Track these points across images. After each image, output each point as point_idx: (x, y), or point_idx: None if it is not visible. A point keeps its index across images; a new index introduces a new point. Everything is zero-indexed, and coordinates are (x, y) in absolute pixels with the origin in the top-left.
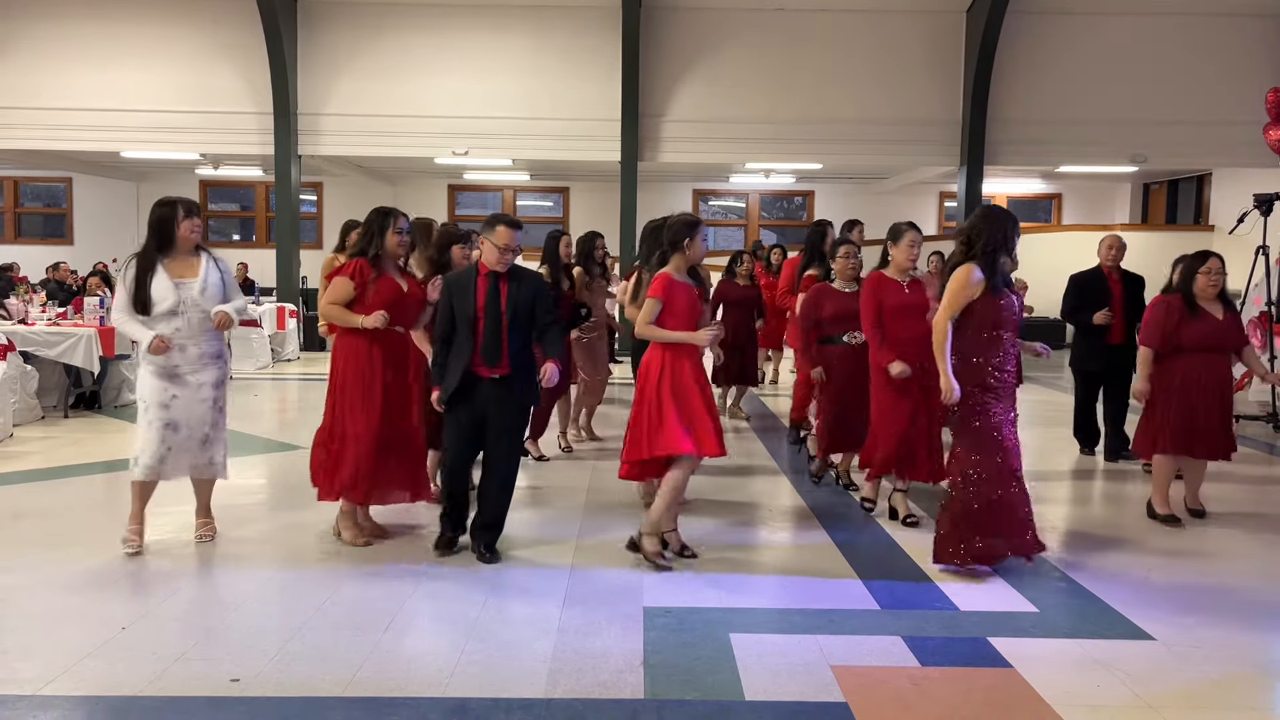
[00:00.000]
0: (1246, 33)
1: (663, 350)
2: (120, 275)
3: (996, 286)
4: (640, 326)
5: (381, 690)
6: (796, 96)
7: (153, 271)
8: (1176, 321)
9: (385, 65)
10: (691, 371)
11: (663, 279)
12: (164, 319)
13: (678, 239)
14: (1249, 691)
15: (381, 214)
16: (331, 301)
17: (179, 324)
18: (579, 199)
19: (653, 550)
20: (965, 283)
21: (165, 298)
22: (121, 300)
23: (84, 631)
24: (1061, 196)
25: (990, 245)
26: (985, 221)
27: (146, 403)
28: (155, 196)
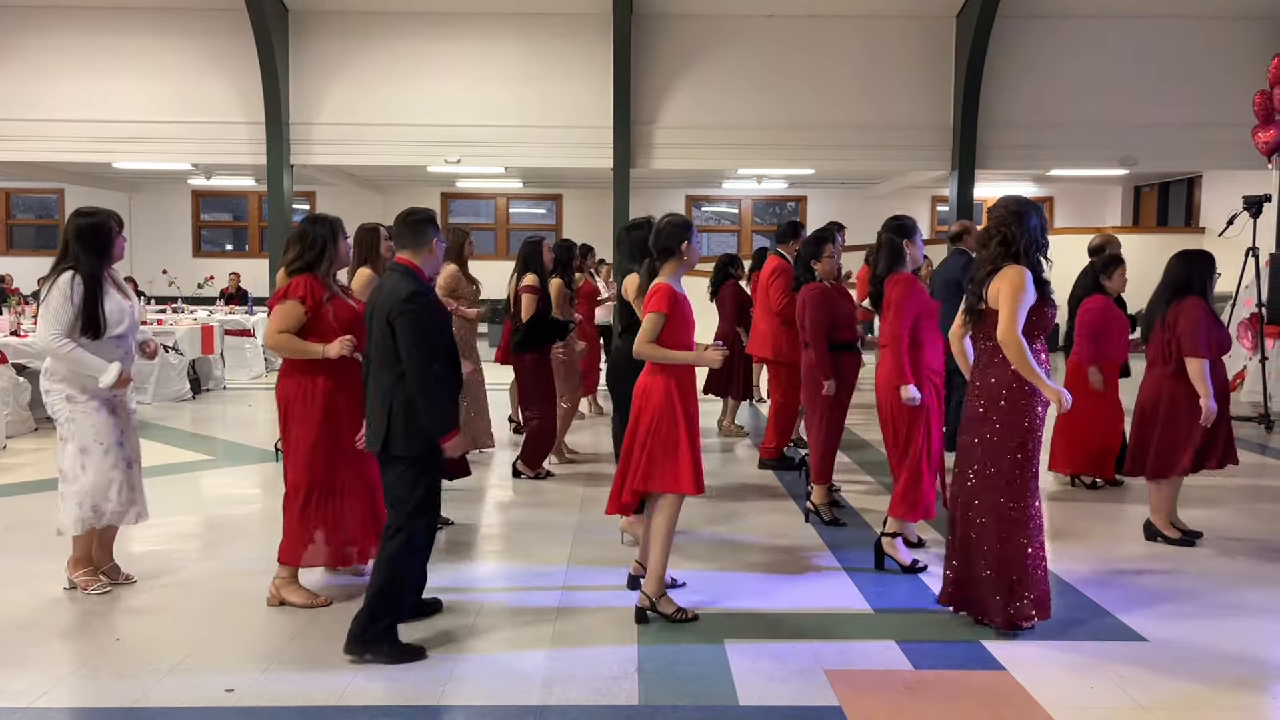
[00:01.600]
0: (1234, 36)
1: (668, 373)
2: (53, 294)
3: (1046, 292)
4: (641, 345)
5: (375, 699)
6: (788, 102)
7: (100, 289)
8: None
9: (377, 74)
10: (694, 399)
11: (666, 290)
12: (113, 344)
13: (673, 243)
14: (1240, 693)
15: (328, 221)
16: (282, 330)
17: (126, 348)
18: (572, 206)
19: (673, 610)
20: (1023, 284)
21: (121, 319)
22: (64, 323)
23: (78, 643)
24: (1053, 200)
25: (1032, 243)
26: (1017, 218)
27: (105, 444)
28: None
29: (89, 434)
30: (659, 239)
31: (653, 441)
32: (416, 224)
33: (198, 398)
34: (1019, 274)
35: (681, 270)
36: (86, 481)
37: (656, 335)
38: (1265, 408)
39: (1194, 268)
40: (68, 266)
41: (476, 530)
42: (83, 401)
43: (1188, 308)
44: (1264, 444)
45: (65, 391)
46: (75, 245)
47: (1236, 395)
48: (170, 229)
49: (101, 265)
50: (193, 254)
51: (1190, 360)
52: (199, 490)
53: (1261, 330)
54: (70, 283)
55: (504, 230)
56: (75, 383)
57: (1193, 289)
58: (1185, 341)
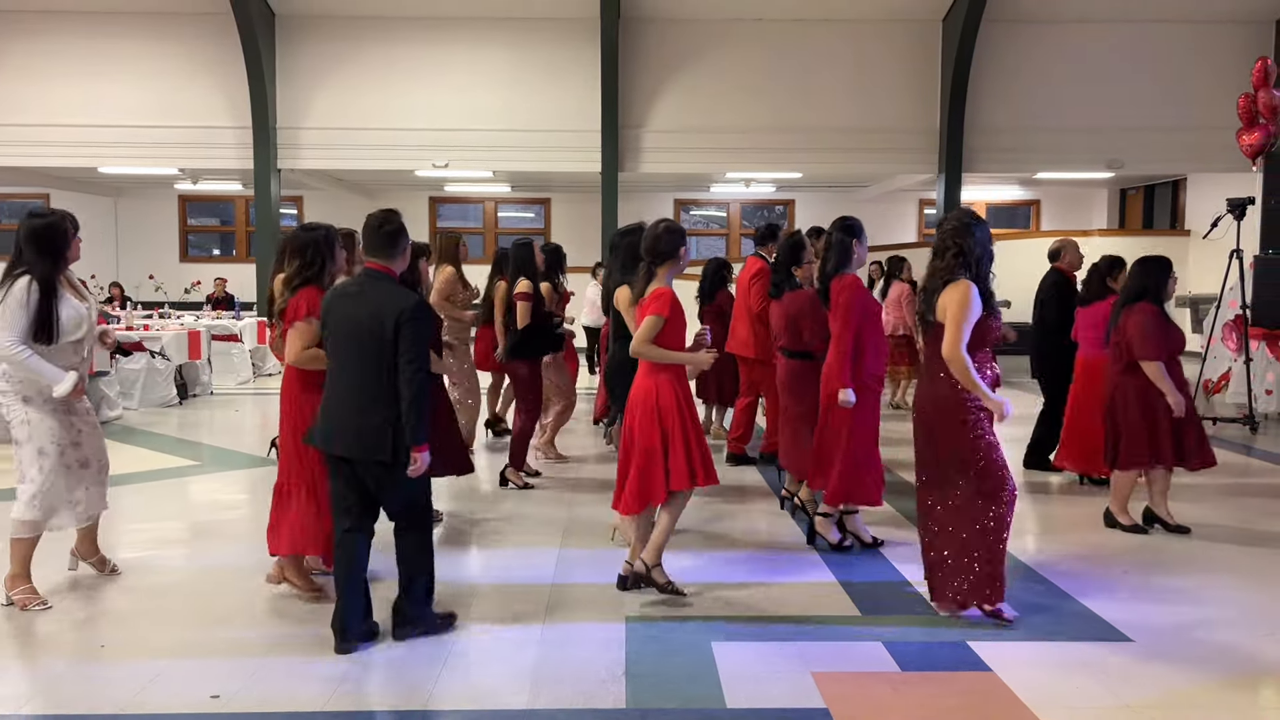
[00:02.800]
0: (1219, 39)
1: (670, 374)
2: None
3: (992, 305)
4: (640, 345)
5: (363, 704)
6: (775, 106)
7: (55, 294)
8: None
9: (364, 78)
10: (691, 396)
11: (667, 294)
12: (70, 348)
13: (670, 249)
14: (1226, 693)
15: (325, 231)
16: (307, 346)
17: (83, 354)
18: (560, 210)
19: (665, 581)
20: (968, 300)
21: (79, 325)
22: (20, 330)
23: (62, 649)
24: (1040, 203)
25: (977, 257)
26: (964, 232)
27: (60, 445)
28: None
29: (46, 436)
30: (658, 245)
31: (680, 444)
32: (392, 234)
33: (184, 403)
34: (966, 290)
35: (673, 274)
36: (41, 484)
37: (654, 336)
38: (1250, 409)
39: (1147, 274)
40: (22, 272)
41: (467, 524)
42: (39, 404)
43: (1138, 312)
44: (1249, 445)
45: (21, 393)
46: (29, 249)
47: (1221, 396)
48: (156, 234)
49: (56, 269)
50: (179, 259)
51: (1145, 364)
52: (186, 496)
53: (1246, 332)
54: (26, 289)
55: (492, 234)
56: (31, 385)
57: (1146, 294)
58: (1135, 345)
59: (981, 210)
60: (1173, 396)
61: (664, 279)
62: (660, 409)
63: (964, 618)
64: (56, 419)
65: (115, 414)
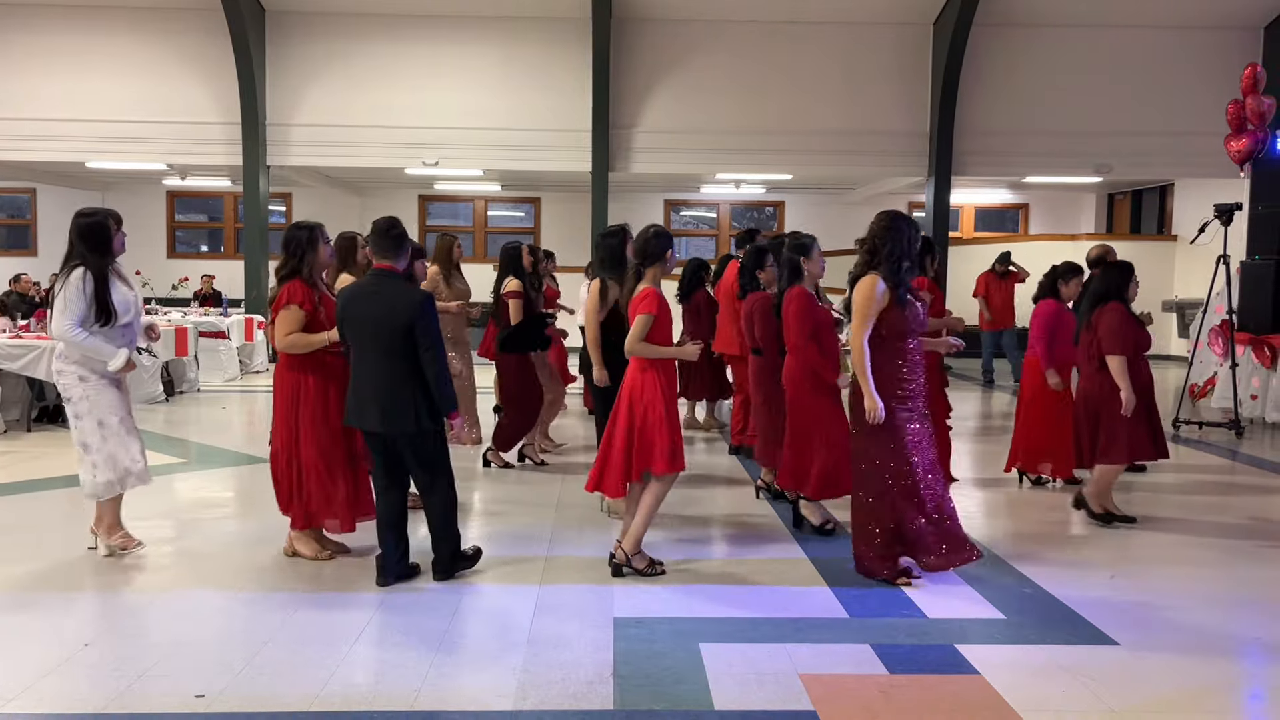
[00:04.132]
0: (1208, 45)
1: (656, 366)
2: (68, 289)
3: (903, 296)
4: (633, 343)
5: (349, 704)
6: (766, 107)
7: (108, 282)
8: (1133, 329)
9: (354, 76)
10: (675, 390)
11: (654, 294)
12: (119, 331)
13: (658, 251)
14: (1212, 696)
15: (307, 228)
16: (289, 332)
17: (131, 335)
18: (550, 209)
19: (645, 565)
20: (871, 295)
21: (128, 309)
22: (77, 314)
23: (46, 648)
24: (1028, 206)
25: (894, 254)
26: (888, 230)
27: (119, 415)
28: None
29: (105, 408)
30: (647, 247)
31: (651, 430)
32: (398, 237)
33: (171, 400)
34: (870, 284)
35: (661, 274)
36: (110, 449)
37: (645, 334)
38: (1236, 413)
39: (1113, 277)
40: (77, 264)
41: None
42: (94, 380)
43: (1108, 312)
44: (1234, 449)
45: (78, 372)
46: (80, 244)
47: (1207, 401)
48: (144, 230)
49: (106, 260)
50: (167, 255)
51: (1111, 358)
52: (172, 494)
53: (1232, 337)
54: (82, 278)
55: (482, 233)
56: (87, 365)
57: (1111, 295)
58: (1105, 341)
59: (970, 214)
60: (1127, 393)
61: (651, 279)
62: (646, 400)
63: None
64: (115, 391)
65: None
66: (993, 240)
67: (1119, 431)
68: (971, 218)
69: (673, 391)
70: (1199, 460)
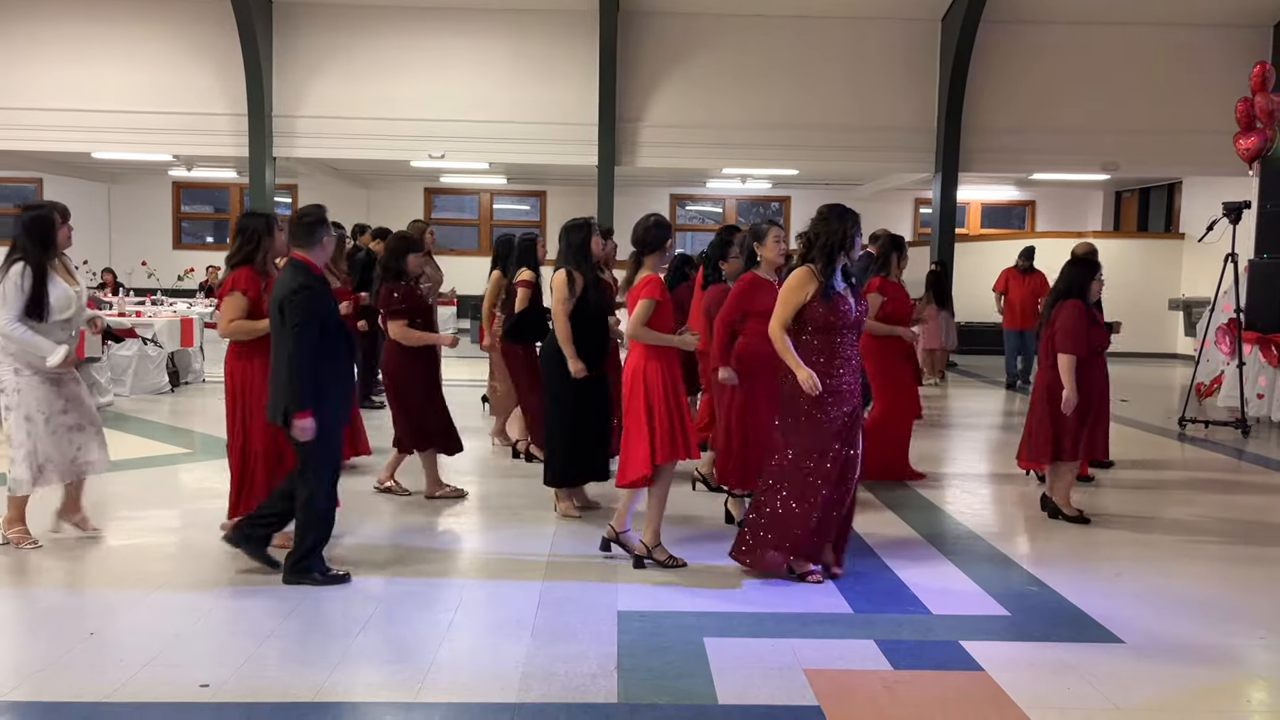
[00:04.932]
0: (1217, 42)
1: (658, 354)
2: (6, 283)
3: (829, 289)
4: (635, 327)
5: (352, 696)
6: (773, 102)
7: (46, 277)
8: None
9: (361, 67)
10: (681, 377)
11: (656, 280)
12: (58, 328)
13: (658, 241)
14: (1217, 695)
15: (263, 216)
16: (233, 319)
17: (70, 331)
18: (556, 202)
19: (665, 557)
20: (796, 286)
21: (67, 305)
22: (15, 308)
23: (50, 637)
24: (1035, 204)
25: (826, 246)
26: (823, 222)
27: (46, 413)
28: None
29: (33, 404)
30: (647, 236)
31: (664, 419)
32: (309, 225)
33: (176, 391)
34: (796, 275)
35: (660, 264)
36: (30, 446)
37: (648, 319)
38: (1242, 413)
39: (1075, 275)
40: (18, 258)
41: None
42: (28, 375)
43: (1067, 309)
44: (1240, 448)
45: (14, 365)
46: (22, 238)
47: (1214, 400)
48: (150, 220)
49: (46, 255)
50: (173, 246)
51: (1061, 356)
52: (176, 484)
53: (1239, 336)
54: (21, 274)
55: (487, 226)
56: (24, 359)
57: (1073, 293)
58: (1059, 339)
59: (977, 211)
60: (1069, 392)
61: (651, 268)
62: (647, 386)
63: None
64: (46, 389)
65: (106, 400)
66: (999, 237)
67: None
68: (978, 214)
69: (677, 380)
70: (1205, 459)
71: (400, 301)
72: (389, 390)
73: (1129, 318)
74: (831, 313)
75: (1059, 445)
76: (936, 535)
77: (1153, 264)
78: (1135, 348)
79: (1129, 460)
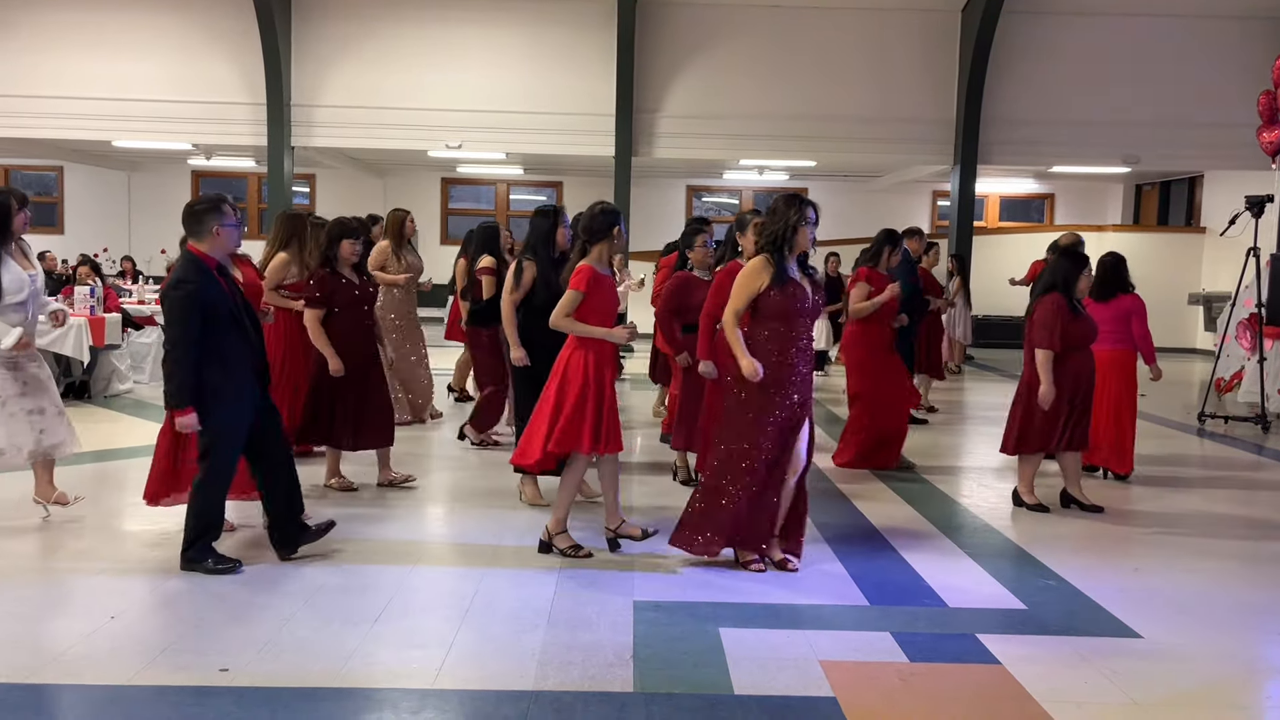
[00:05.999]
0: (1239, 35)
1: (584, 347)
2: None
3: (780, 278)
4: (557, 318)
5: (371, 681)
6: (791, 93)
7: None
8: (1065, 322)
9: (379, 57)
10: (610, 371)
11: (586, 271)
12: (13, 311)
13: (604, 228)
14: (1235, 691)
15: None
16: None
17: (24, 316)
18: (573, 193)
19: (567, 545)
20: (749, 275)
21: (20, 289)
22: None
23: (72, 621)
24: (1054, 197)
25: (773, 234)
26: (772, 212)
27: (2, 397)
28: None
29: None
30: (593, 224)
31: (571, 409)
32: (198, 214)
33: None
34: (750, 264)
35: (610, 253)
36: None
37: (572, 310)
38: (1263, 408)
39: (1062, 268)
40: None
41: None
42: None
43: (1045, 303)
44: (1260, 444)
45: None
46: None
47: (1233, 395)
48: (169, 209)
49: (1, 240)
50: None
51: (1038, 350)
52: None
53: (1260, 331)
54: None
55: (504, 216)
56: None
57: (1057, 286)
58: (1035, 333)
59: (995, 204)
60: (1045, 387)
61: (597, 257)
62: (566, 375)
63: None
64: (3, 371)
65: (126, 388)
66: (1018, 230)
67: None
68: (996, 207)
69: (603, 372)
70: (1224, 454)
71: (315, 289)
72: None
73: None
74: (783, 301)
75: (1023, 438)
76: (953, 528)
77: (1173, 258)
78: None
79: (1147, 455)
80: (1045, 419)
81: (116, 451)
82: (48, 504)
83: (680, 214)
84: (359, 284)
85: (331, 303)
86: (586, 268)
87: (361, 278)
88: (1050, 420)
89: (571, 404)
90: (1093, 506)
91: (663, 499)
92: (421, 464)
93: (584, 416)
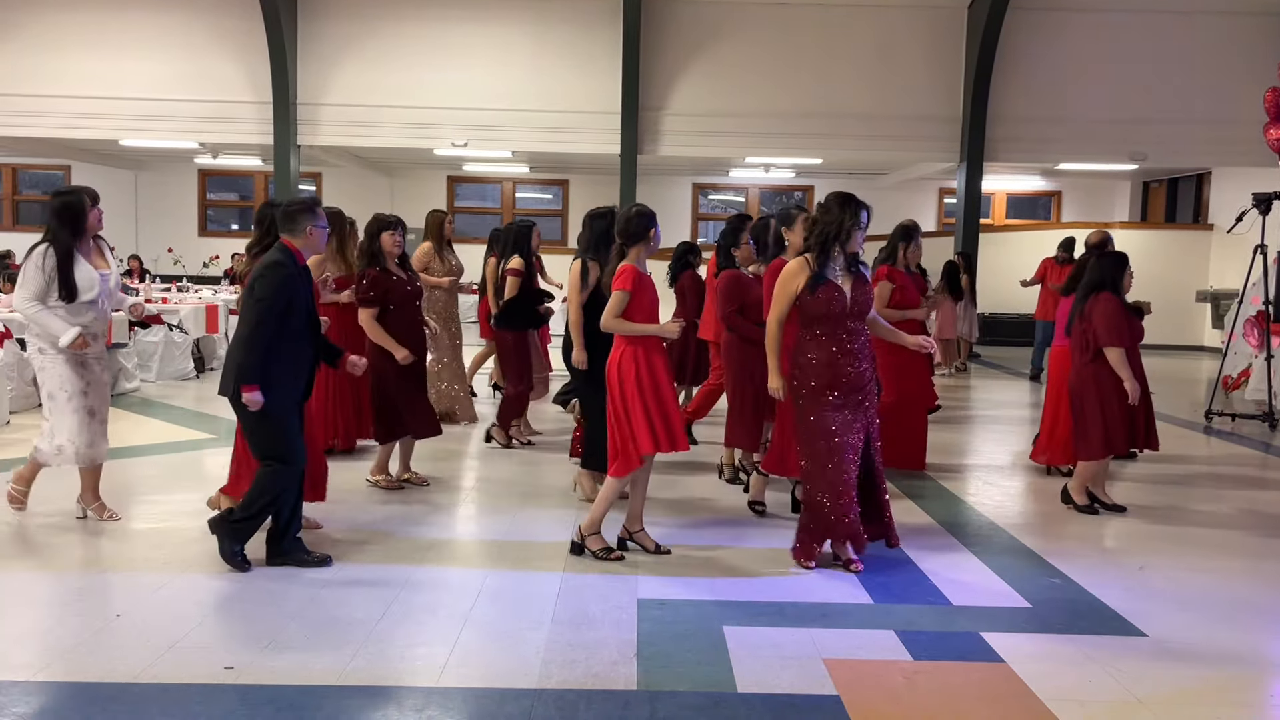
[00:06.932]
0: (1247, 31)
1: (633, 345)
2: (28, 264)
3: (816, 281)
4: (607, 319)
5: (375, 679)
6: (797, 91)
7: (72, 260)
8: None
9: (385, 55)
10: (663, 366)
11: (630, 271)
12: (84, 309)
13: (641, 230)
14: (1239, 689)
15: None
16: None
17: (95, 314)
18: (578, 191)
19: (600, 548)
20: (786, 278)
21: (91, 287)
22: (35, 289)
23: (78, 618)
24: (1061, 194)
25: (823, 235)
26: (825, 211)
27: (69, 391)
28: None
29: (55, 382)
30: (629, 226)
31: (628, 409)
32: (293, 214)
33: (202, 376)
34: (788, 267)
35: (646, 254)
36: (54, 422)
37: (621, 311)
38: (1270, 405)
39: (1107, 268)
40: (44, 240)
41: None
42: (51, 354)
43: (1102, 302)
44: (1268, 442)
45: (39, 345)
46: (53, 221)
47: (1241, 393)
48: (176, 207)
49: (75, 238)
50: (198, 233)
51: (1109, 350)
52: (202, 469)
53: (1268, 328)
54: (43, 255)
55: (510, 215)
56: (45, 338)
57: (1106, 286)
58: (1101, 333)
59: (1002, 201)
60: (1130, 383)
61: (634, 258)
62: (621, 379)
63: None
64: (69, 368)
65: (133, 386)
66: (1024, 227)
67: (1094, 426)
68: (1003, 205)
69: (654, 370)
70: (1231, 452)
71: (368, 289)
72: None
73: (1155, 309)
74: (819, 303)
75: (1091, 441)
76: (957, 526)
77: (1180, 255)
78: (1162, 340)
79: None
80: (1120, 418)
81: (123, 450)
82: (89, 510)
83: (686, 212)
84: (408, 279)
85: (386, 300)
86: (629, 268)
87: (408, 273)
88: (1124, 418)
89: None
90: (1114, 506)
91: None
92: (442, 464)
93: (651, 417)
